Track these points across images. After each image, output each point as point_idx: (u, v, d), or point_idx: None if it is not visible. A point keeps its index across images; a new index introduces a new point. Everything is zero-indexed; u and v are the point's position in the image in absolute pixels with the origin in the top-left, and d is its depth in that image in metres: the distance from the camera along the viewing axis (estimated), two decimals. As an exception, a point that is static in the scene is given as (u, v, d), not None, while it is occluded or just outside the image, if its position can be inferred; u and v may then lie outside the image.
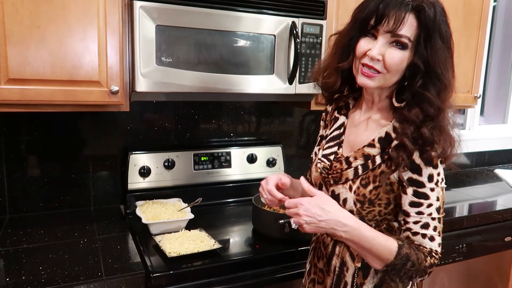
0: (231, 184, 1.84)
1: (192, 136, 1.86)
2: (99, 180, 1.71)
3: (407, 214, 0.94)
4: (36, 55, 1.21)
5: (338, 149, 1.07)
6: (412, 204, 0.93)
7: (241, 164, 1.87)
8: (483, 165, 2.82)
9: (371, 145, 0.99)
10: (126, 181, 1.66)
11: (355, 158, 1.01)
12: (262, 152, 1.91)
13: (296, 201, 0.94)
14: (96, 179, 1.71)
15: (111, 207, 1.73)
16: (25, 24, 1.19)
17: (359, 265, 1.02)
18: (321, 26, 1.55)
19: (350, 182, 1.00)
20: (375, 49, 0.91)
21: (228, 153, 1.84)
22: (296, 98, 1.65)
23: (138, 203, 1.61)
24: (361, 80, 0.95)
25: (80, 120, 1.65)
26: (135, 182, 1.67)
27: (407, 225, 0.95)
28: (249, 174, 1.88)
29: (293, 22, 1.49)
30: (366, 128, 1.03)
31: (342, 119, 1.10)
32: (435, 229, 0.93)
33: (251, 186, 1.86)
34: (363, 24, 0.93)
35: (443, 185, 0.95)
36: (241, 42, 1.44)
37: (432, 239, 0.93)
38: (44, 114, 1.56)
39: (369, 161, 0.98)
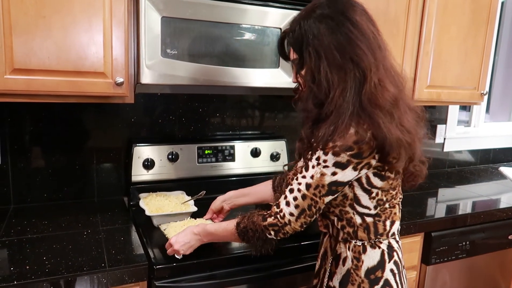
0: (234, 178, 1.84)
1: (196, 129, 1.85)
2: (103, 172, 1.72)
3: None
4: (41, 45, 1.21)
5: None
6: (299, 171, 1.05)
7: (244, 158, 1.86)
8: (488, 162, 2.81)
9: None
10: (130, 173, 1.66)
11: None
12: (266, 146, 1.91)
13: (167, 244, 1.21)
14: (100, 171, 1.71)
15: (114, 199, 1.73)
16: (30, 14, 1.18)
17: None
18: (327, 20, 1.54)
19: None
20: (292, 77, 1.13)
21: (232, 147, 1.84)
22: (301, 92, 1.64)
23: (142, 195, 1.61)
24: None
25: (85, 112, 1.65)
26: (139, 174, 1.67)
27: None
28: (253, 168, 1.88)
29: (300, 16, 1.48)
30: None
31: None
32: (295, 198, 1.02)
33: (254, 180, 1.84)
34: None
35: (325, 171, 0.98)
36: (247, 35, 1.44)
37: (288, 204, 1.04)
38: (49, 105, 1.56)
39: None
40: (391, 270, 1.07)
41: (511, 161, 2.89)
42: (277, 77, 1.51)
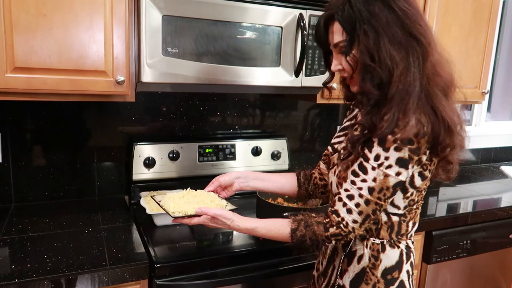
0: (235, 177, 1.84)
1: (197, 128, 1.85)
2: (104, 171, 1.72)
3: (345, 180, 0.99)
4: (42, 43, 1.21)
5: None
6: (353, 173, 0.97)
7: (245, 156, 1.86)
8: (489, 161, 2.81)
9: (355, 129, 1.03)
10: (131, 172, 1.66)
11: (341, 143, 1.09)
12: (267, 145, 1.91)
13: (191, 220, 1.09)
14: (101, 170, 1.71)
15: (115, 197, 1.73)
16: (31, 13, 1.18)
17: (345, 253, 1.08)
18: (328, 18, 1.54)
19: (335, 166, 1.06)
20: (332, 65, 1.03)
21: (233, 146, 1.84)
22: (302, 91, 1.64)
23: (143, 193, 1.61)
24: (351, 87, 1.03)
25: (86, 110, 1.65)
26: (140, 173, 1.67)
27: (340, 190, 1.00)
28: (254, 166, 1.88)
29: (300, 14, 1.48)
30: None
31: (355, 111, 1.14)
32: (357, 205, 0.95)
33: (255, 179, 1.85)
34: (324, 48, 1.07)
35: (388, 172, 0.92)
36: (248, 34, 1.43)
37: (349, 211, 0.96)
38: (50, 103, 1.56)
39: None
40: (407, 272, 1.04)
41: (512, 160, 2.90)
42: (278, 75, 1.51)
